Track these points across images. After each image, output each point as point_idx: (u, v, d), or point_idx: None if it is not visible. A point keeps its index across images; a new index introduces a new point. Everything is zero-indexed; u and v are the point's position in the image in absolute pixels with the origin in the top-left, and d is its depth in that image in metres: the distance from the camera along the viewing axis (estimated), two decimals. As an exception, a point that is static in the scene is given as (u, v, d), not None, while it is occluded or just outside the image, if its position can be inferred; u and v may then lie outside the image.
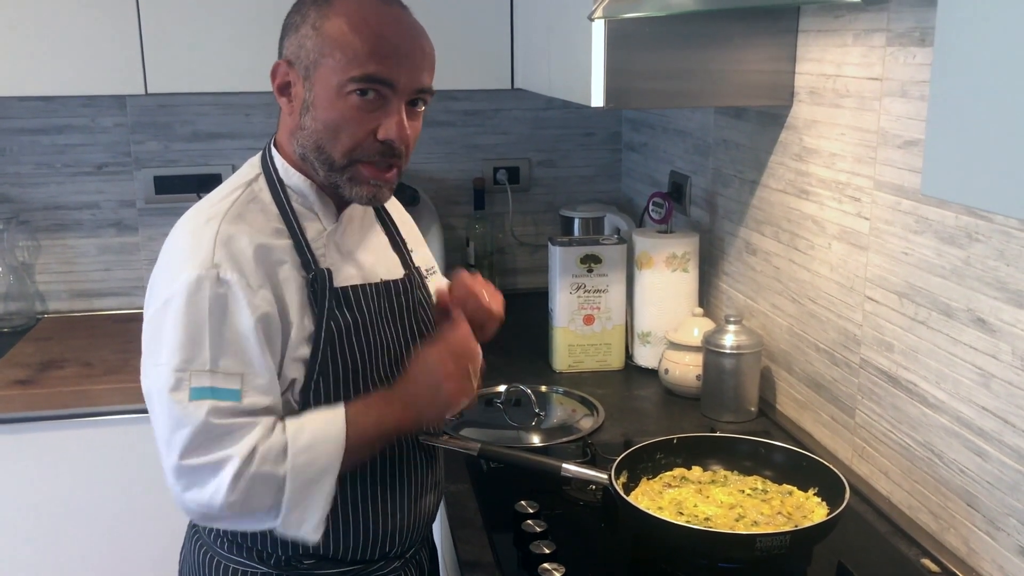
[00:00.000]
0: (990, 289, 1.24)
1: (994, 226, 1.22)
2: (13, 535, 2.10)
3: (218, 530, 1.33)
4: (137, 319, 2.47)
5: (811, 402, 1.73)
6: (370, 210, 1.42)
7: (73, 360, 2.23)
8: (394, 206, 1.50)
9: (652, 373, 2.05)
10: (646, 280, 2.05)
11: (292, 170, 1.30)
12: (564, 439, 1.75)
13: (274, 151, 1.32)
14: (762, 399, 1.87)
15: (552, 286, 2.08)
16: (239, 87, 2.18)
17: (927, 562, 1.33)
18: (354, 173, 1.26)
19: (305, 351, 1.25)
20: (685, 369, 1.91)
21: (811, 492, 1.40)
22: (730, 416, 1.81)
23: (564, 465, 1.43)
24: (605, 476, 1.40)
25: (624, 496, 1.35)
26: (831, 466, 1.39)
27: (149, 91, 2.18)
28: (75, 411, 2.08)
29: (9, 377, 2.12)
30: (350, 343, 1.27)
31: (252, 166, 1.33)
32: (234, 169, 1.41)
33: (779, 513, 1.36)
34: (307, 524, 1.20)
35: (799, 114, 1.71)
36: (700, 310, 1.97)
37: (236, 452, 1.16)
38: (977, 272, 1.26)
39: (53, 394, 2.06)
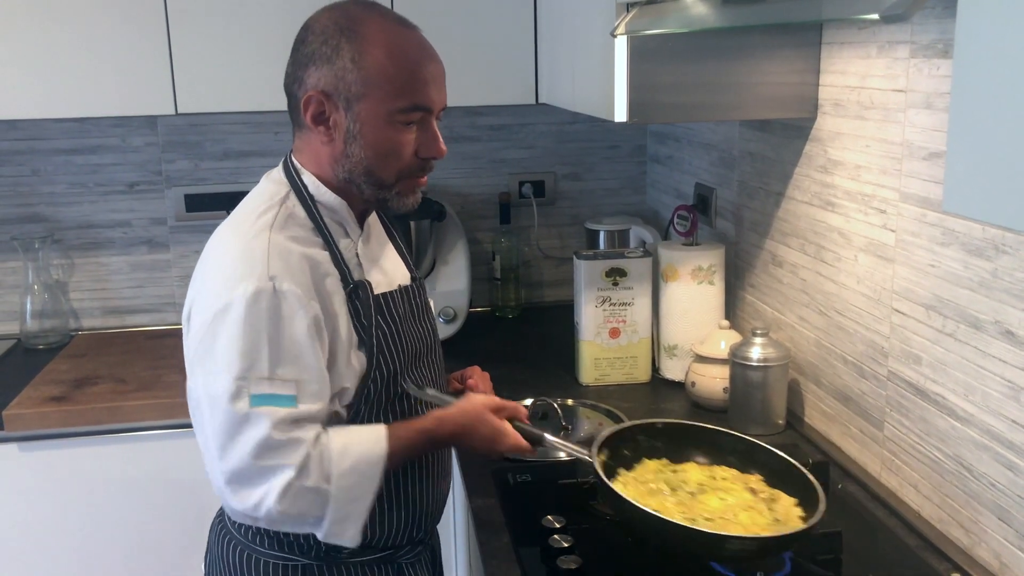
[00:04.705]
0: (1018, 301, 1.23)
1: (1021, 238, 1.22)
2: (48, 549, 2.13)
3: (256, 528, 1.38)
4: (170, 335, 2.54)
5: (839, 415, 1.72)
6: (377, 219, 1.51)
7: (107, 376, 2.26)
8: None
9: (679, 386, 2.04)
10: (672, 293, 2.05)
11: (324, 188, 1.36)
12: (591, 453, 1.75)
13: (302, 169, 1.36)
14: (790, 412, 1.86)
15: (578, 299, 2.08)
16: (268, 106, 2.21)
17: (958, 576, 1.32)
18: (402, 188, 1.37)
19: (356, 361, 1.33)
20: (712, 382, 1.91)
21: (794, 502, 1.38)
22: (757, 429, 1.80)
23: (547, 436, 1.45)
24: (586, 453, 1.41)
25: (603, 476, 1.35)
26: (811, 477, 1.37)
27: (179, 111, 2.22)
28: (109, 427, 2.11)
29: (44, 394, 2.16)
30: (390, 348, 1.36)
31: (278, 183, 1.37)
32: (263, 188, 1.43)
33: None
34: (348, 533, 1.29)
35: (824, 126, 1.71)
36: (726, 322, 1.97)
37: (290, 463, 1.22)
38: (1005, 284, 1.25)
39: (87, 410, 2.09)
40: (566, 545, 1.38)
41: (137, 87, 2.19)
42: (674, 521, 1.26)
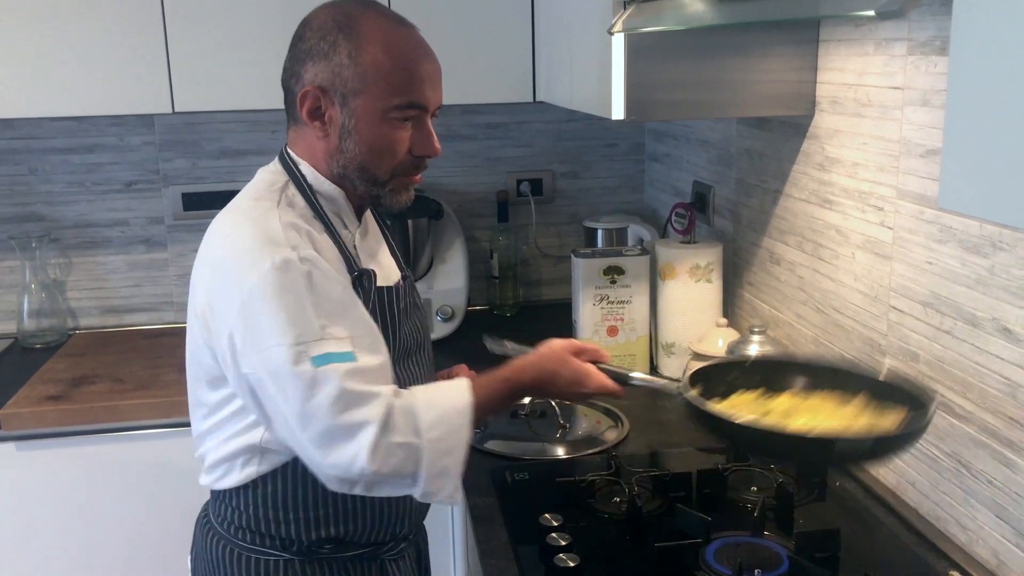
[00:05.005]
0: (1015, 298, 1.23)
1: (1018, 235, 1.21)
2: (45, 548, 2.13)
3: (238, 522, 1.38)
4: (167, 334, 2.54)
5: (837, 412, 1.72)
6: (372, 217, 1.51)
7: (104, 376, 2.26)
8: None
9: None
10: (670, 291, 2.05)
11: (322, 178, 1.36)
12: (589, 451, 1.75)
13: (299, 160, 1.37)
14: (788, 409, 1.86)
15: (576, 298, 2.08)
16: (265, 105, 2.20)
17: (955, 574, 1.31)
18: (395, 185, 1.37)
19: None
20: (710, 380, 1.91)
21: (905, 410, 1.31)
22: (756, 427, 1.80)
23: (632, 374, 1.45)
24: (675, 385, 1.40)
25: (695, 401, 1.32)
26: (921, 387, 1.32)
27: (176, 110, 2.21)
28: (106, 426, 2.11)
29: (41, 393, 2.16)
30: (385, 340, 1.35)
31: (275, 173, 1.38)
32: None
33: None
34: (446, 489, 1.26)
35: (821, 123, 1.71)
36: (724, 320, 1.97)
37: (372, 417, 1.20)
38: (1002, 281, 1.25)
39: (85, 409, 2.09)
40: (564, 543, 1.38)
41: (134, 86, 2.18)
42: (778, 430, 1.24)
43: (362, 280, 1.34)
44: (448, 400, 1.27)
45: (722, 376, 1.45)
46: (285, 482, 1.35)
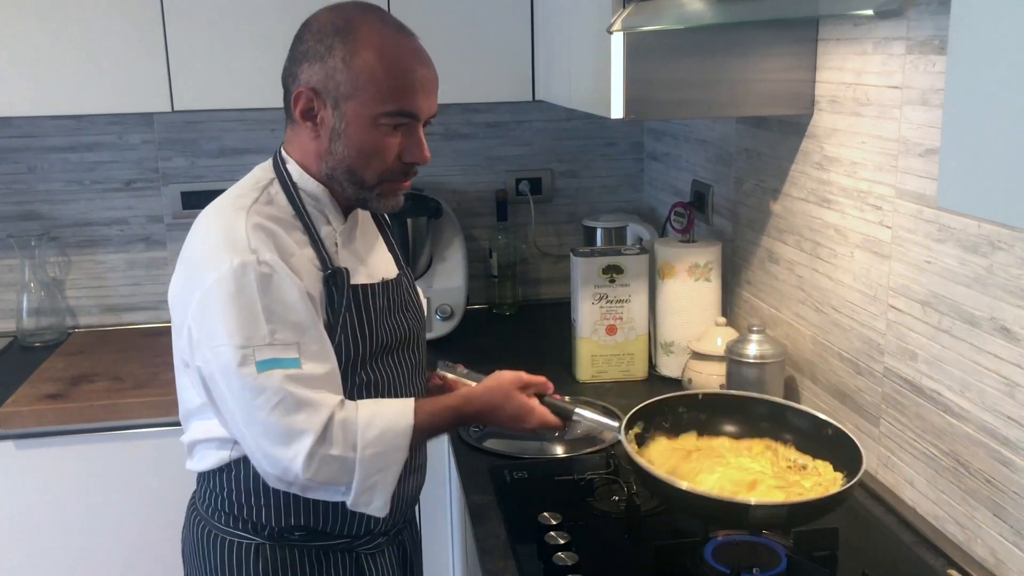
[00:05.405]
0: (1014, 298, 1.23)
1: (1017, 234, 1.22)
2: (44, 547, 2.13)
3: (215, 504, 1.42)
4: (166, 332, 2.49)
5: (835, 411, 1.72)
6: (367, 213, 1.52)
7: (103, 374, 2.26)
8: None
9: (675, 383, 2.04)
10: (669, 290, 2.05)
11: (307, 176, 1.39)
12: (587, 450, 1.75)
13: (288, 158, 1.40)
14: (786, 408, 1.86)
15: (575, 296, 2.08)
16: (264, 103, 2.20)
17: (953, 573, 1.32)
18: (383, 190, 1.39)
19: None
20: (708, 379, 1.91)
21: (841, 474, 1.38)
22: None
23: (577, 410, 1.46)
24: (615, 425, 1.44)
25: (630, 447, 1.38)
26: (858, 443, 1.37)
27: (175, 108, 2.21)
28: (105, 425, 2.11)
29: (40, 391, 2.16)
30: (356, 336, 1.38)
31: (264, 170, 1.41)
32: (257, 184, 1.44)
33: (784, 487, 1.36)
34: (375, 503, 1.31)
35: (820, 123, 1.71)
36: (723, 319, 1.97)
37: (311, 427, 1.25)
38: (1000, 280, 1.25)
39: (84, 408, 2.09)
40: (562, 542, 1.38)
41: (133, 84, 2.18)
42: (699, 492, 1.28)
43: (335, 278, 1.36)
44: (390, 420, 1.31)
45: (671, 410, 1.50)
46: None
